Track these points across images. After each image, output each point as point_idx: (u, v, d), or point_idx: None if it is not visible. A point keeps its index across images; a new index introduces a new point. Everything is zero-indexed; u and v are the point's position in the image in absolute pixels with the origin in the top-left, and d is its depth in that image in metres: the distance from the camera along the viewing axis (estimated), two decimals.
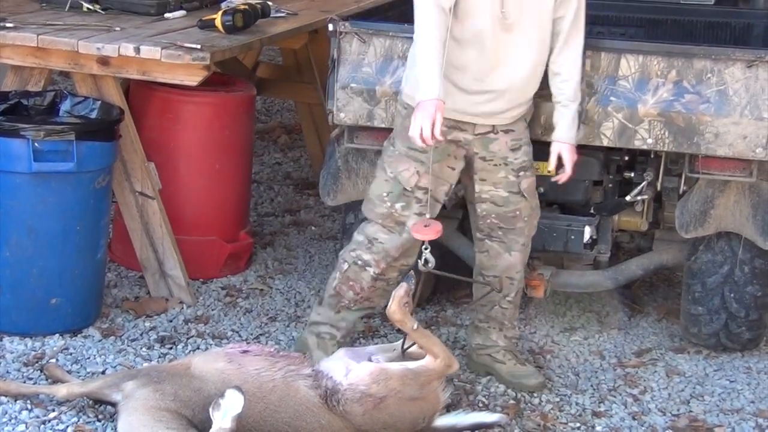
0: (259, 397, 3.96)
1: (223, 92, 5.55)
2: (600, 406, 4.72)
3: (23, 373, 4.56)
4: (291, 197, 6.82)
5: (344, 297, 4.72)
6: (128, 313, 5.17)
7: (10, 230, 4.73)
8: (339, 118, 4.87)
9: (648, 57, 4.65)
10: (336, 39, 4.83)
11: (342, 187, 5.16)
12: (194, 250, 5.45)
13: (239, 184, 5.67)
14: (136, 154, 5.14)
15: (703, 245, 5.04)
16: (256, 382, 4.00)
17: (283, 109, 8.54)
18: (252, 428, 3.87)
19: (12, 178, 4.68)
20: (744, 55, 4.61)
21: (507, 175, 4.50)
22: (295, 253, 6.03)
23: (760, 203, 4.90)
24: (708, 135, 4.63)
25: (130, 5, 5.54)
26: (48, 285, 4.81)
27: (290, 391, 4.02)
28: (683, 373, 5.03)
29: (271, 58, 8.19)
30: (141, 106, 5.36)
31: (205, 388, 3.97)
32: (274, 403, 3.98)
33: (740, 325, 5.08)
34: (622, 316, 5.53)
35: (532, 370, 4.81)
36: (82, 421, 4.23)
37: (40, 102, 4.98)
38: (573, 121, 4.50)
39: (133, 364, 4.69)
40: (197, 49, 4.89)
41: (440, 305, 5.49)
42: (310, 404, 4.02)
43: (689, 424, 4.62)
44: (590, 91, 4.64)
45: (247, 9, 5.36)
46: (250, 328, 5.15)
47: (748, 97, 4.59)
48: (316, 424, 3.99)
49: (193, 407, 3.92)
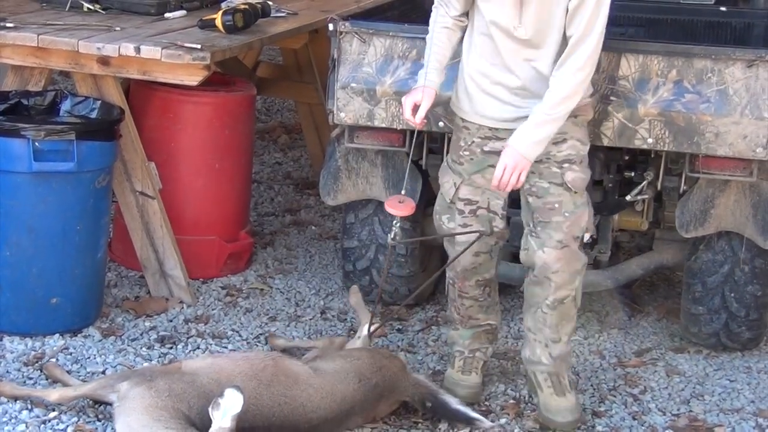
0: (251, 375, 4.10)
1: (224, 92, 5.55)
2: (600, 405, 4.72)
3: (23, 373, 4.56)
4: (291, 197, 6.82)
5: (453, 317, 4.74)
6: (128, 312, 5.17)
7: (10, 230, 4.73)
8: (339, 117, 4.87)
9: (648, 57, 4.65)
10: (336, 39, 4.83)
11: (342, 187, 5.17)
12: (194, 250, 5.45)
13: (239, 184, 5.67)
14: (136, 154, 5.14)
15: (703, 245, 5.04)
16: (246, 364, 4.17)
17: (283, 108, 8.54)
18: (249, 404, 3.91)
19: (12, 178, 4.68)
20: (744, 54, 4.61)
21: (550, 166, 4.30)
22: (295, 253, 6.03)
23: (761, 203, 4.90)
24: (708, 135, 4.63)
25: (131, 5, 5.54)
26: (48, 285, 4.81)
27: (280, 367, 4.20)
28: (683, 373, 5.03)
29: (271, 58, 8.19)
30: (141, 106, 5.36)
31: (198, 379, 4.04)
32: (266, 378, 4.12)
33: (740, 325, 5.08)
34: (622, 315, 5.53)
35: (567, 404, 4.50)
36: (82, 421, 4.23)
37: (41, 102, 4.98)
38: (533, 129, 4.15)
39: (133, 364, 4.69)
40: (197, 48, 4.89)
41: (440, 305, 5.49)
42: (301, 373, 4.20)
43: (689, 423, 4.62)
44: (590, 91, 4.64)
45: (248, 9, 5.36)
46: (250, 327, 5.15)
47: (749, 97, 4.59)
48: (310, 390, 4.16)
49: (188, 400, 3.96)
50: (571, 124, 4.27)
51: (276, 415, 4.07)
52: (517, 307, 5.49)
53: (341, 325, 5.25)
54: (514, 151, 4.16)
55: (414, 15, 5.60)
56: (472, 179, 4.39)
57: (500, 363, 4.98)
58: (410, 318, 5.37)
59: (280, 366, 4.21)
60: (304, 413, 4.13)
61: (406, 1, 5.70)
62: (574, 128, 4.30)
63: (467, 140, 4.38)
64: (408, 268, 5.30)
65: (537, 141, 4.17)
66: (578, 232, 4.35)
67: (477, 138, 4.34)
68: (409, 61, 4.78)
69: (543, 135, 4.17)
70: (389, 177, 5.12)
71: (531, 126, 4.16)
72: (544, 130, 4.16)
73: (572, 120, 4.26)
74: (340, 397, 4.22)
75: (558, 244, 4.33)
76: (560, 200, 4.30)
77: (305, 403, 4.13)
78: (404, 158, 5.07)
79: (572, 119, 4.26)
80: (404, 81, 4.77)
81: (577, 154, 4.31)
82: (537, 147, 4.18)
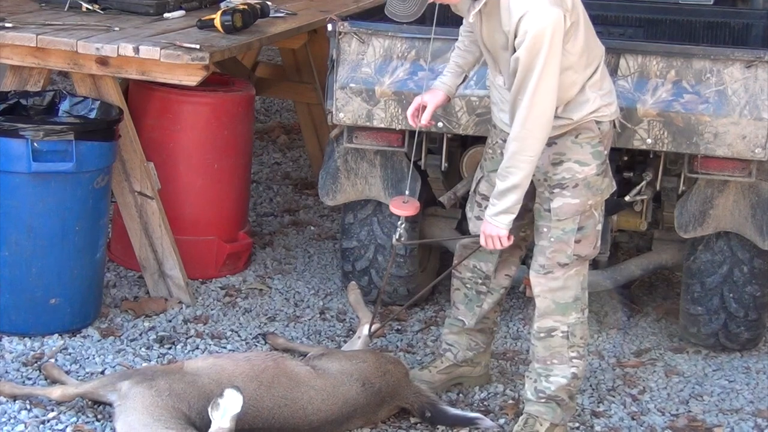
0: (252, 376, 4.10)
1: (222, 92, 5.55)
2: (599, 405, 4.72)
3: (22, 373, 4.56)
4: (290, 197, 6.82)
5: None
6: (127, 313, 5.17)
7: (9, 230, 4.73)
8: (338, 117, 4.87)
9: (647, 57, 4.65)
10: (335, 39, 4.83)
11: (341, 187, 5.17)
12: (193, 250, 5.45)
13: (238, 184, 5.67)
14: (135, 154, 5.14)
15: (702, 245, 5.04)
16: (247, 365, 4.16)
17: (282, 109, 8.54)
18: (249, 406, 3.91)
19: (11, 178, 4.67)
20: (743, 55, 4.61)
21: (544, 191, 4.26)
22: (294, 253, 6.03)
23: (759, 203, 4.90)
24: (707, 135, 4.63)
25: (129, 5, 5.54)
26: (47, 285, 4.81)
27: (281, 368, 4.19)
28: (682, 373, 5.03)
29: (270, 58, 8.19)
30: (140, 106, 5.36)
31: (199, 380, 4.04)
32: (267, 380, 4.11)
33: (739, 325, 5.09)
34: (621, 316, 5.53)
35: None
36: (81, 421, 4.23)
37: (39, 102, 4.98)
38: (495, 198, 4.13)
39: (132, 364, 4.69)
40: (196, 49, 4.89)
41: (440, 305, 5.49)
42: (302, 374, 4.20)
43: (688, 424, 4.62)
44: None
45: (246, 9, 5.36)
46: (249, 328, 5.15)
47: (747, 97, 4.59)
48: (311, 392, 4.15)
49: (189, 399, 3.97)
50: (570, 144, 4.18)
51: (276, 417, 4.07)
52: (516, 307, 5.49)
53: (340, 325, 5.25)
54: (486, 222, 4.18)
55: None
56: (489, 176, 4.39)
57: (499, 363, 4.98)
58: (409, 318, 5.37)
59: (282, 367, 4.21)
60: (305, 415, 4.12)
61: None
62: (573, 148, 4.19)
63: (493, 139, 4.40)
64: (407, 269, 5.30)
65: (501, 211, 4.12)
66: (564, 258, 4.25)
67: (499, 140, 4.33)
68: (408, 61, 4.79)
69: (505, 204, 4.10)
70: (388, 177, 5.12)
71: (495, 195, 4.14)
72: (506, 198, 4.09)
73: (571, 140, 4.18)
74: (342, 400, 4.22)
75: (540, 269, 4.30)
76: (548, 225, 4.27)
77: (306, 406, 4.13)
78: (403, 158, 5.07)
79: (571, 138, 4.18)
80: (403, 81, 4.78)
81: (572, 177, 4.20)
82: (504, 216, 4.13)
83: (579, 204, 4.20)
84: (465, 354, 4.71)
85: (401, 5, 3.95)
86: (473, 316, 4.64)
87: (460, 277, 4.63)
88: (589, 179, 4.21)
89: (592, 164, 4.20)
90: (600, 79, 4.18)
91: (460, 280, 4.63)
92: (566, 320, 4.29)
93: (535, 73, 3.93)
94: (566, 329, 4.30)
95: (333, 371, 4.28)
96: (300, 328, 5.18)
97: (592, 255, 4.32)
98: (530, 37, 3.89)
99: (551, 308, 4.29)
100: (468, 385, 4.76)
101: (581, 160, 4.20)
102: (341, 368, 4.30)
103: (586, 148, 4.19)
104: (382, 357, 4.52)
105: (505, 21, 3.97)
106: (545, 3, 3.91)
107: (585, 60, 4.11)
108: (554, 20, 3.90)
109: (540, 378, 4.36)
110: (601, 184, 4.26)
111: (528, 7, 3.90)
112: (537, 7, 3.90)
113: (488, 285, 4.60)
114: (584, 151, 4.19)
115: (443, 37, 4.62)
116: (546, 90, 3.97)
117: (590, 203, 4.23)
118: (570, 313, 4.29)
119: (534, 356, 4.38)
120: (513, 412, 4.57)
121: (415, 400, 4.43)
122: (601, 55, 4.22)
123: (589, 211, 4.23)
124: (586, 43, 4.10)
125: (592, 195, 4.23)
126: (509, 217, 4.13)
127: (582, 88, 4.13)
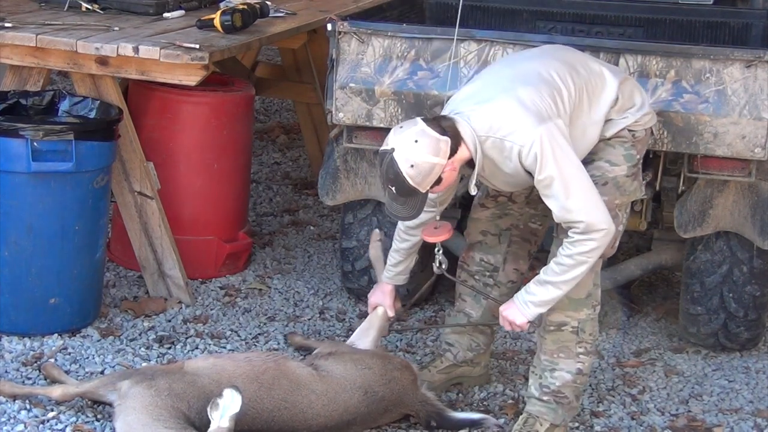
0: (252, 378, 4.08)
1: (222, 92, 5.55)
2: (599, 405, 4.72)
3: (22, 373, 4.56)
4: (290, 197, 6.82)
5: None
6: (127, 312, 5.17)
7: (8, 230, 4.73)
8: (338, 117, 4.87)
9: (647, 57, 4.65)
10: (335, 39, 4.83)
11: (341, 187, 5.17)
12: (193, 250, 5.45)
13: (238, 184, 5.67)
14: (134, 154, 5.14)
15: (701, 245, 5.04)
16: (248, 366, 4.14)
17: (281, 108, 8.54)
18: (249, 408, 3.90)
19: (11, 178, 4.67)
20: (743, 55, 4.61)
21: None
22: (293, 253, 6.03)
23: (759, 203, 4.90)
24: (707, 135, 4.63)
25: (129, 5, 5.53)
26: (47, 285, 4.81)
27: (282, 370, 4.17)
28: (682, 373, 5.03)
29: (269, 58, 8.19)
30: (140, 106, 5.36)
31: (199, 380, 4.04)
32: (268, 381, 4.09)
33: (739, 325, 5.09)
34: (621, 315, 5.53)
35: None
36: (81, 421, 4.23)
37: (39, 102, 4.98)
38: (535, 286, 4.16)
39: (131, 364, 4.69)
40: (196, 48, 4.89)
41: (439, 305, 5.49)
42: (304, 377, 4.16)
43: (688, 423, 4.62)
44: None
45: (246, 9, 5.36)
46: (248, 327, 5.15)
47: (747, 97, 4.59)
48: (312, 396, 4.12)
49: (189, 399, 3.96)
50: (602, 145, 4.26)
51: (276, 419, 4.05)
52: None
53: (339, 325, 5.25)
54: (513, 306, 4.20)
55: (412, 15, 5.60)
56: None
57: (499, 363, 4.98)
58: (409, 318, 5.37)
59: (283, 369, 4.18)
60: (304, 419, 4.09)
61: (405, 1, 5.70)
62: (606, 149, 4.26)
63: None
64: None
65: (535, 303, 4.16)
66: (526, 266, 4.42)
67: None
68: (407, 61, 4.78)
69: (543, 298, 4.14)
70: None
71: (538, 282, 4.15)
72: (545, 293, 4.13)
73: (605, 142, 4.25)
74: (343, 407, 4.18)
75: (521, 263, 4.43)
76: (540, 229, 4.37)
77: (306, 410, 4.10)
78: None
79: (604, 141, 4.25)
80: (402, 81, 4.77)
81: (602, 175, 4.24)
82: (535, 309, 4.16)
83: (606, 202, 4.19)
84: (465, 354, 4.71)
85: (402, 208, 4.04)
86: (480, 308, 4.66)
87: (468, 269, 4.63)
88: (619, 179, 4.26)
89: (623, 165, 4.26)
90: (626, 100, 4.24)
91: (467, 272, 4.64)
92: (578, 316, 4.30)
93: (562, 175, 3.99)
94: (576, 324, 4.31)
95: (336, 375, 4.23)
96: (300, 327, 5.18)
97: (609, 254, 4.32)
98: (539, 158, 3.95)
99: (564, 303, 4.27)
100: (468, 385, 4.76)
101: (612, 160, 4.26)
102: (345, 373, 4.25)
103: (619, 150, 4.26)
104: (390, 363, 4.43)
105: (507, 164, 4.05)
106: (531, 127, 3.96)
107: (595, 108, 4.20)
108: (548, 133, 3.96)
109: (545, 372, 4.35)
110: (630, 186, 4.30)
111: (520, 142, 3.97)
112: (526, 137, 3.96)
113: (495, 278, 4.60)
114: (616, 152, 4.26)
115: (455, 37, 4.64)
116: (580, 183, 4.02)
117: (617, 203, 4.27)
118: (582, 309, 4.30)
119: (541, 348, 4.37)
120: (513, 412, 4.58)
121: (421, 408, 4.37)
122: (615, 87, 4.23)
123: (614, 211, 4.24)
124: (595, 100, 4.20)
125: (620, 195, 4.27)
126: (539, 311, 4.18)
127: (608, 120, 4.21)
